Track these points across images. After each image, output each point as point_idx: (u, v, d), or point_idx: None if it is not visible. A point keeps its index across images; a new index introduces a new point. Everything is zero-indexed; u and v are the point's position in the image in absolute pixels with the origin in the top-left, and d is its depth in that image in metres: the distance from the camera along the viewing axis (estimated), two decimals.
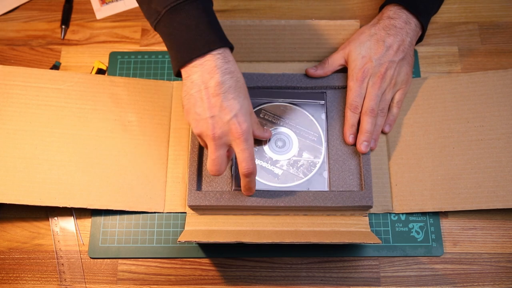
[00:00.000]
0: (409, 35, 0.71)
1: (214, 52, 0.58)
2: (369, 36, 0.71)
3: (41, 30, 0.84)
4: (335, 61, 0.74)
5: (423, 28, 0.73)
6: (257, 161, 0.71)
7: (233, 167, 0.71)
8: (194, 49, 0.58)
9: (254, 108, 0.75)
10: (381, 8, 0.75)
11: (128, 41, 0.83)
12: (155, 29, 0.61)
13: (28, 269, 0.70)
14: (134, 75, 0.80)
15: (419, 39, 0.75)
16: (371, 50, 0.70)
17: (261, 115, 0.74)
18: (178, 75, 0.61)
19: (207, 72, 0.57)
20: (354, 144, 0.71)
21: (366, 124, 0.70)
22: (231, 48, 0.61)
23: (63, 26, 0.84)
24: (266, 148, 0.72)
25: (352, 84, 0.71)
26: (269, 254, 0.70)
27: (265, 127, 0.72)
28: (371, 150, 0.72)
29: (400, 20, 0.71)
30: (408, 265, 0.69)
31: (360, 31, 0.73)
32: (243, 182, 0.64)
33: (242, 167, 0.61)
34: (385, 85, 0.70)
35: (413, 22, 0.71)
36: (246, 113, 0.59)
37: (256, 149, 0.72)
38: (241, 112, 0.58)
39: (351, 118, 0.71)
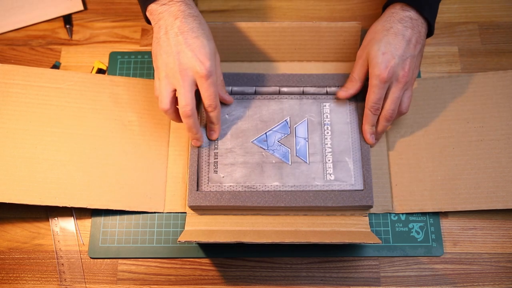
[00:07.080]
0: (423, 26, 0.68)
1: None
2: (385, 31, 0.67)
3: (41, 30, 0.84)
4: (360, 72, 0.70)
5: (429, 23, 0.69)
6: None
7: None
8: None
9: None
10: (384, 7, 0.71)
11: (128, 41, 0.83)
12: None
13: (28, 269, 0.70)
14: (134, 75, 0.80)
15: (428, 34, 0.71)
16: (391, 46, 0.66)
17: None
18: (148, 21, 0.67)
19: (172, 15, 0.63)
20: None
21: (381, 127, 0.70)
22: None
23: (68, 26, 0.83)
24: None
25: (376, 83, 0.66)
26: (269, 254, 0.70)
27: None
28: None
29: (413, 12, 0.67)
30: (408, 265, 0.69)
31: (372, 31, 0.69)
32: (207, 118, 0.69)
33: (206, 104, 0.65)
34: (407, 85, 0.67)
35: (421, 17, 0.68)
36: (211, 53, 0.63)
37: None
38: (205, 51, 0.62)
39: (371, 118, 0.69)
